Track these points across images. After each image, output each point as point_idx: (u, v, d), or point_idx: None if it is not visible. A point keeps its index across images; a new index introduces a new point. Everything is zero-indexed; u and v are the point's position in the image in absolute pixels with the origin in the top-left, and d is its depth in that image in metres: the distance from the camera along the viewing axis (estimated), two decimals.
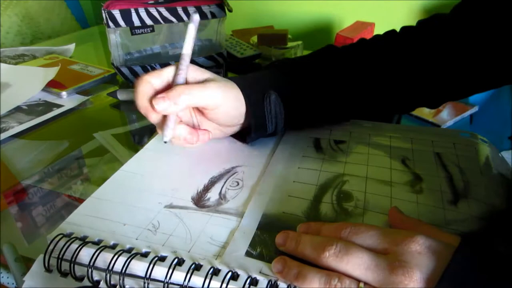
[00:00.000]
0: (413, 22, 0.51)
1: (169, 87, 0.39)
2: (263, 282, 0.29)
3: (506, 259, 0.26)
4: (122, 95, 0.66)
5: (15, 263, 0.34)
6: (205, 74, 0.41)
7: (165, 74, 0.39)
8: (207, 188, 0.40)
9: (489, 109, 0.48)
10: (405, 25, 0.51)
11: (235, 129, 0.45)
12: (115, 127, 0.59)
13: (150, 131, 0.57)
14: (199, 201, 0.38)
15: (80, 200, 0.43)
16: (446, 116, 0.65)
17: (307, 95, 0.45)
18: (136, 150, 0.47)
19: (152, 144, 0.48)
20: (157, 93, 0.38)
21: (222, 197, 0.39)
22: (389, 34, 0.51)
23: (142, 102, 0.38)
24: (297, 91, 0.45)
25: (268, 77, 0.45)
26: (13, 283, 0.35)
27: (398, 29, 0.52)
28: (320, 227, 0.32)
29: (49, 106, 0.65)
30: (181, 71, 0.39)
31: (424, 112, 0.64)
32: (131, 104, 0.63)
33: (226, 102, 0.40)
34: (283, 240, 0.32)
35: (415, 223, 0.32)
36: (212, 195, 0.39)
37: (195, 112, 0.43)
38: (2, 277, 0.36)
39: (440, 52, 0.47)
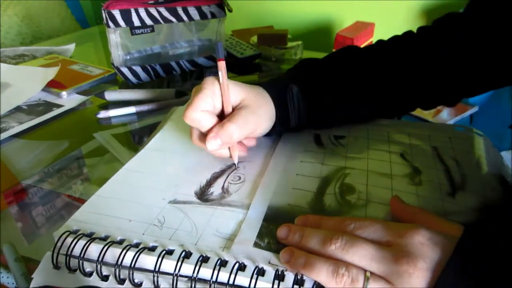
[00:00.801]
0: (413, 22, 0.51)
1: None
2: (270, 272, 0.29)
3: (506, 252, 0.26)
4: (110, 96, 0.66)
5: (15, 263, 0.34)
6: (239, 94, 0.41)
7: (202, 107, 0.39)
8: (209, 183, 0.41)
9: (489, 109, 0.48)
10: (422, 25, 0.51)
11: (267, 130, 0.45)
12: (115, 127, 0.59)
13: (150, 130, 0.57)
14: (203, 195, 0.39)
15: (80, 200, 0.43)
16: (446, 116, 0.65)
17: (327, 94, 0.46)
18: (136, 150, 0.47)
19: (153, 143, 0.48)
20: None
21: (225, 191, 0.39)
22: (406, 34, 0.51)
23: (197, 142, 0.41)
24: (318, 89, 0.46)
25: (292, 74, 0.47)
26: (13, 283, 0.35)
27: (398, 30, 0.52)
28: (320, 221, 0.33)
29: (49, 106, 0.65)
30: (226, 101, 0.40)
31: (424, 112, 0.64)
32: (119, 105, 0.63)
33: (265, 121, 0.42)
34: (285, 233, 0.32)
35: (416, 211, 0.33)
36: (215, 190, 0.40)
37: None
38: (2, 277, 0.36)
39: (457, 51, 0.47)
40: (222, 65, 0.40)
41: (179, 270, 0.29)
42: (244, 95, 0.41)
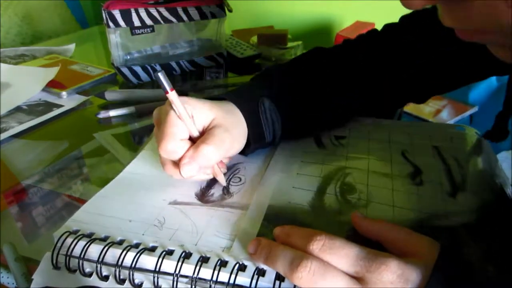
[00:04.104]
0: None
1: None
2: (271, 272, 0.29)
3: (481, 276, 0.26)
4: (110, 96, 0.66)
5: (15, 263, 0.34)
6: (208, 114, 0.38)
7: (179, 137, 0.36)
8: (209, 185, 0.41)
9: (489, 109, 0.48)
10: (388, 23, 0.52)
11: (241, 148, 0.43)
12: (115, 127, 0.59)
13: (149, 130, 0.57)
14: (203, 196, 0.39)
15: (80, 200, 0.43)
16: (446, 116, 0.65)
17: (298, 100, 0.45)
18: (136, 150, 0.47)
19: (152, 145, 0.48)
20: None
21: (225, 192, 0.40)
22: (371, 33, 0.51)
23: (171, 171, 0.38)
24: (288, 97, 0.45)
25: (261, 86, 0.45)
26: (13, 283, 0.35)
27: None
28: (290, 230, 0.31)
29: (49, 106, 0.65)
30: (191, 128, 0.37)
31: (424, 112, 0.64)
32: (119, 105, 0.63)
33: (238, 139, 0.40)
34: (254, 248, 0.31)
35: (381, 228, 0.31)
36: (216, 191, 0.40)
37: None
38: (2, 277, 0.36)
39: (422, 48, 0.47)
40: (171, 97, 0.35)
41: (179, 271, 0.29)
42: (214, 114, 0.38)
